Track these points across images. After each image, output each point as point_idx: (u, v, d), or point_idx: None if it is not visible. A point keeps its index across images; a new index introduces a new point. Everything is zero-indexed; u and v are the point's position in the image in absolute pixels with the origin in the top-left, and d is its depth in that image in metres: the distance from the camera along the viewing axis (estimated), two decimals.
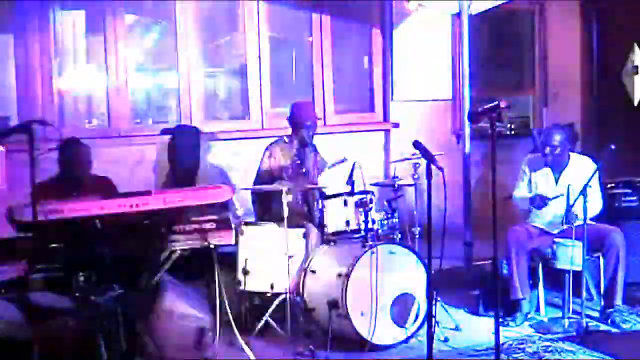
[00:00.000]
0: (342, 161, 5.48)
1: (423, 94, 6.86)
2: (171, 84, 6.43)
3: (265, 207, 5.65)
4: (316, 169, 5.87)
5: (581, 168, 5.37)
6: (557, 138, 5.39)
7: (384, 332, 4.77)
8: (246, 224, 5.43)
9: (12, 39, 5.83)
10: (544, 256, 5.32)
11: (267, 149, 5.70)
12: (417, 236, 5.43)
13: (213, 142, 6.32)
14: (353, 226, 5.17)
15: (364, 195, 5.17)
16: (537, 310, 5.43)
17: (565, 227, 5.27)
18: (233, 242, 5.35)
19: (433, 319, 3.61)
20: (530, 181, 5.53)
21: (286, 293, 5.04)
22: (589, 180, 5.01)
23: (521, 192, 5.55)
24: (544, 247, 5.33)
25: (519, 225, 5.45)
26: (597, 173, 5.11)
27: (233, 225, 5.33)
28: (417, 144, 4.16)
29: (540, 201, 5.32)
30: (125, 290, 4.01)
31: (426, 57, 6.92)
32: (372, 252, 4.84)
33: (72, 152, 5.05)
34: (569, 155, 5.47)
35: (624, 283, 5.27)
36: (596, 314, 5.35)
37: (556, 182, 5.44)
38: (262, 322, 5.11)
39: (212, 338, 4.57)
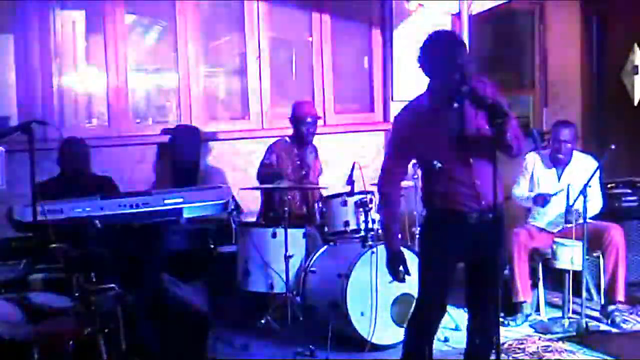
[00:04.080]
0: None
1: None
2: (171, 84, 6.42)
3: (270, 205, 5.65)
4: (316, 171, 5.88)
5: (584, 166, 5.37)
6: (569, 133, 5.41)
7: (384, 332, 4.77)
8: (246, 224, 5.44)
9: (12, 39, 5.83)
10: (544, 256, 5.33)
11: (269, 147, 5.72)
12: (417, 236, 5.43)
13: (213, 142, 6.32)
14: (353, 226, 5.17)
15: (363, 196, 5.17)
16: (537, 310, 5.44)
17: (566, 225, 5.28)
18: (233, 242, 5.38)
19: (433, 321, 3.61)
20: (532, 178, 5.53)
21: (286, 293, 5.04)
22: (589, 180, 5.02)
23: (521, 189, 5.55)
24: (544, 247, 5.34)
25: (520, 227, 5.45)
26: (597, 172, 5.11)
27: (233, 226, 5.35)
28: (417, 144, 4.16)
29: (542, 200, 5.33)
30: (125, 290, 4.01)
31: None
32: (372, 252, 4.84)
33: (73, 150, 5.05)
34: (572, 152, 5.48)
35: (625, 280, 5.28)
36: (596, 314, 5.35)
37: (558, 179, 5.45)
38: (262, 322, 5.11)
39: (212, 338, 4.57)
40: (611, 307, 5.26)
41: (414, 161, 5.35)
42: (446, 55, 3.46)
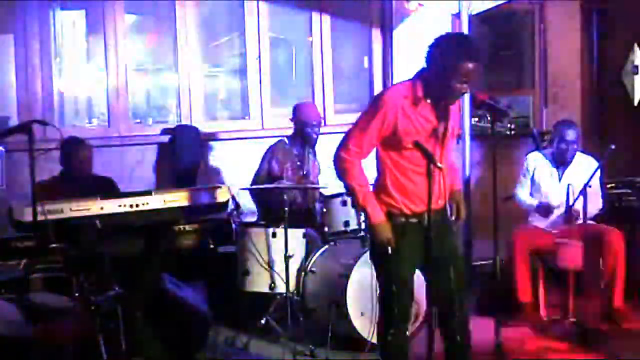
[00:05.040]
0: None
1: None
2: (171, 84, 6.42)
3: (266, 208, 5.65)
4: (316, 170, 5.89)
5: (585, 166, 5.37)
6: (574, 133, 5.41)
7: None
8: (246, 224, 5.44)
9: (12, 39, 5.83)
10: (545, 256, 5.33)
11: (267, 150, 5.71)
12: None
13: (213, 142, 6.32)
14: (353, 226, 5.17)
15: None
16: (537, 310, 5.44)
17: (566, 226, 5.29)
18: (233, 242, 5.37)
19: (433, 319, 3.61)
20: (533, 178, 5.53)
21: (286, 293, 5.04)
22: (589, 180, 5.02)
23: (524, 190, 5.55)
24: (544, 247, 5.34)
25: (522, 227, 5.44)
26: (598, 172, 5.11)
27: (233, 226, 5.35)
28: (417, 144, 4.16)
29: (545, 210, 5.33)
30: (125, 290, 4.01)
31: None
32: None
33: (74, 150, 5.05)
34: (575, 153, 5.48)
35: (623, 283, 5.28)
36: (596, 314, 5.35)
37: (560, 179, 5.44)
38: (262, 322, 5.11)
39: (213, 338, 4.57)
40: (609, 311, 5.26)
41: None
42: (459, 71, 3.44)
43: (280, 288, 5.08)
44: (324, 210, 5.31)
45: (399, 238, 3.65)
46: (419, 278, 4.85)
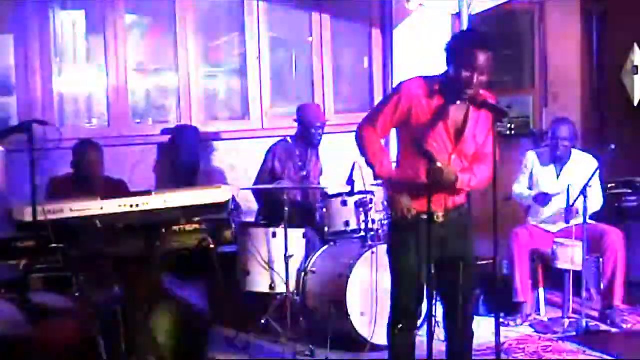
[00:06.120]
0: None
1: None
2: (171, 84, 6.43)
3: (267, 208, 5.66)
4: (317, 171, 5.89)
5: (583, 164, 5.39)
6: (567, 131, 5.42)
7: (384, 332, 4.77)
8: (246, 224, 5.45)
9: (12, 39, 5.83)
10: (544, 256, 5.33)
11: (270, 150, 5.71)
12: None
13: (213, 142, 6.32)
14: (353, 226, 5.18)
15: (364, 196, 5.17)
16: (537, 310, 5.44)
17: (566, 225, 5.29)
18: (233, 242, 5.37)
19: (433, 319, 3.61)
20: (531, 175, 5.54)
21: (286, 293, 5.05)
22: (590, 180, 5.02)
23: (521, 186, 5.56)
24: (544, 247, 5.34)
25: (521, 227, 5.45)
26: (597, 171, 5.12)
27: (233, 226, 5.35)
28: (418, 145, 4.16)
29: (543, 199, 5.34)
30: (125, 290, 4.01)
31: (426, 57, 6.92)
32: (372, 252, 4.84)
33: (83, 153, 5.06)
34: (571, 150, 5.49)
35: (623, 283, 5.28)
36: (596, 314, 5.35)
37: (557, 177, 5.45)
38: (262, 322, 5.11)
39: (212, 338, 4.57)
40: (609, 311, 5.26)
41: None
42: (466, 58, 3.51)
43: (280, 288, 5.09)
44: (324, 210, 5.32)
45: (412, 233, 3.66)
46: None
